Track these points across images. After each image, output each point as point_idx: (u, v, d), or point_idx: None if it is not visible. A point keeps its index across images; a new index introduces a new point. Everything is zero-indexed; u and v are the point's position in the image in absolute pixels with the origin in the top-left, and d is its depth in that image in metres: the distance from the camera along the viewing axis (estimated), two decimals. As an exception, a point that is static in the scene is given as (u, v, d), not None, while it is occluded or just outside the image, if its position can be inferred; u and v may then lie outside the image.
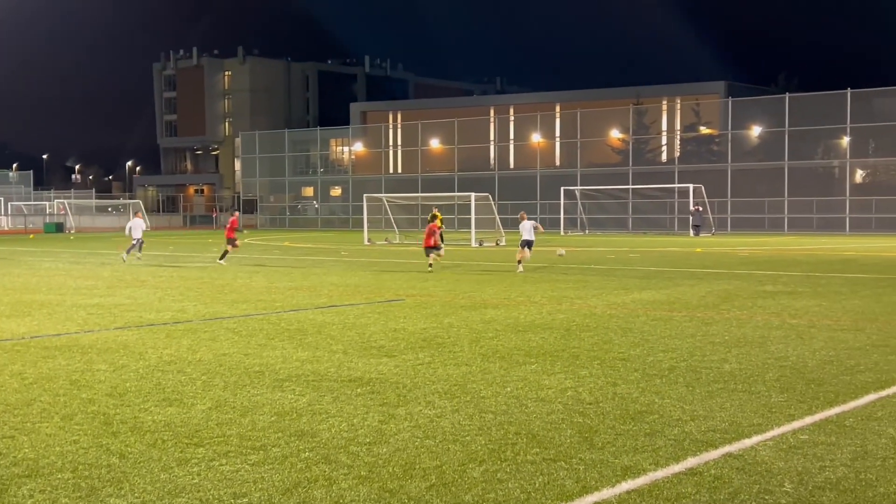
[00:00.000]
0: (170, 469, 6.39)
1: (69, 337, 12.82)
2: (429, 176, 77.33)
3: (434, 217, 28.05)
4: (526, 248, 25.46)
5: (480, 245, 42.04)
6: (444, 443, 6.99)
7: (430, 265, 25.13)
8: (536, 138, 75.82)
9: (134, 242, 31.13)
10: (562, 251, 29.58)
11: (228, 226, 29.90)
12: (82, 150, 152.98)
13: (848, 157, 61.26)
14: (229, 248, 29.16)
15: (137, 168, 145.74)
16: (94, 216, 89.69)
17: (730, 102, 64.67)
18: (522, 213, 28.42)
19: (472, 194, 45.10)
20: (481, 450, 6.79)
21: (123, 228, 38.09)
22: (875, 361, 10.36)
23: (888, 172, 63.85)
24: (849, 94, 58.80)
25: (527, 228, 25.64)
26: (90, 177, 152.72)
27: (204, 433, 7.33)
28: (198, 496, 5.84)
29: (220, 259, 28.97)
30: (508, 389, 8.94)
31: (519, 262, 25.30)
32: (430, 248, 25.59)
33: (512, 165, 79.15)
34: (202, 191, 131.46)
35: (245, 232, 42.91)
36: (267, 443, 7.03)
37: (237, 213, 32.03)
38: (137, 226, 31.34)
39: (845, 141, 61.16)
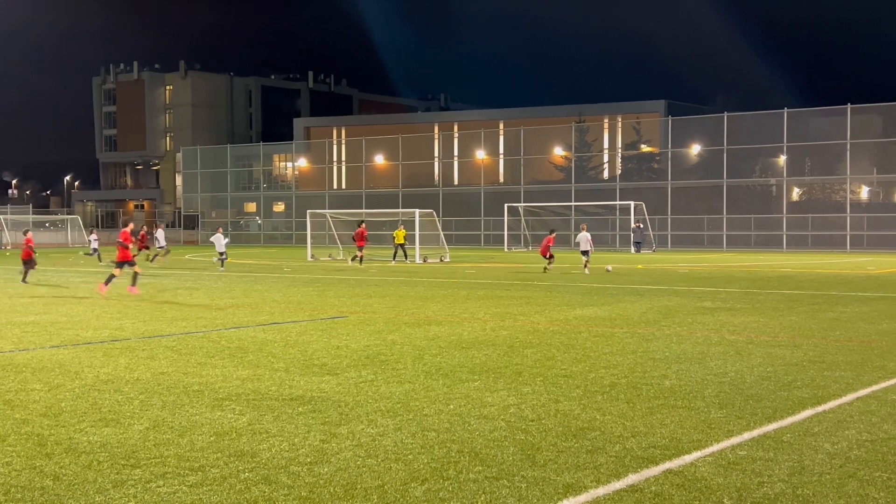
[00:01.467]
0: (105, 491, 6.26)
1: (3, 356, 12.52)
2: (373, 192, 77.23)
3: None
4: (584, 257, 30.87)
5: (425, 261, 42.05)
6: (387, 462, 6.94)
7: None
8: (480, 155, 76.19)
9: (222, 255, 34.00)
10: (609, 267, 32.43)
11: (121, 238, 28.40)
12: (19, 164, 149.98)
13: (785, 175, 62.53)
14: (116, 271, 23.58)
15: (76, 183, 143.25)
16: (32, 232, 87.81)
17: (670, 121, 65.65)
18: (583, 225, 33.27)
19: (417, 210, 45.13)
20: (424, 468, 6.76)
21: (63, 244, 37.72)
22: (811, 377, 10.53)
23: (824, 191, 65.29)
24: (785, 114, 60.06)
25: (585, 239, 30.33)
26: (27, 192, 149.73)
27: (141, 454, 7.20)
28: (134, 519, 5.72)
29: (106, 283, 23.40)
30: (451, 407, 8.92)
31: (585, 266, 30.91)
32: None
33: (456, 182, 79.41)
34: (142, 206, 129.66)
35: (161, 249, 41.03)
36: (205, 463, 6.91)
37: (131, 225, 27.66)
38: (219, 241, 34.02)
39: (782, 159, 62.43)
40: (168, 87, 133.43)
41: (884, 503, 5.96)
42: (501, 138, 79.72)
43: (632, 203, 58.18)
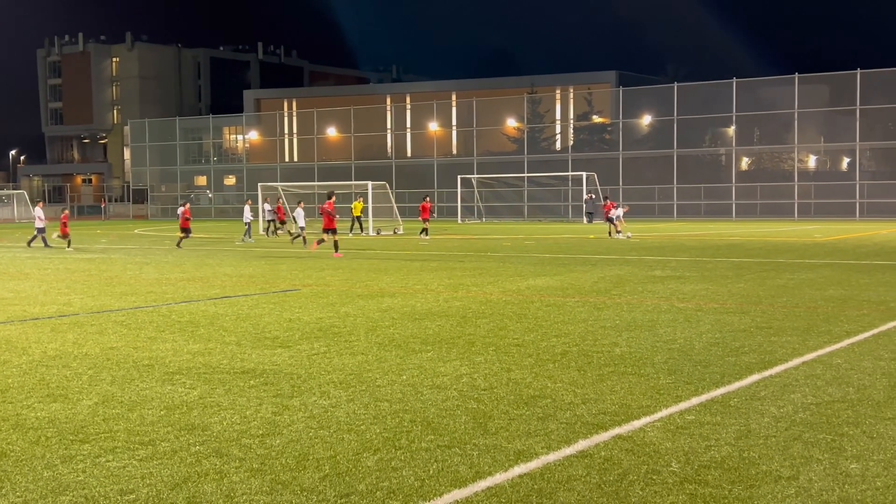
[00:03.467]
0: (53, 466, 6.19)
1: (-53, 333, 12.29)
2: (325, 164, 76.81)
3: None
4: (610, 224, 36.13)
5: (378, 233, 41.97)
6: (339, 433, 6.94)
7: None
8: (433, 127, 76.01)
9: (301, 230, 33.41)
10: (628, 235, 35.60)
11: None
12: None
13: (734, 145, 63.24)
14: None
15: (22, 157, 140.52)
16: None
17: (621, 92, 66.00)
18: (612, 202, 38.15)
19: (370, 183, 44.98)
20: (376, 438, 6.77)
21: (9, 220, 37.33)
22: (759, 343, 10.70)
23: (772, 160, 66.18)
24: (734, 84, 60.64)
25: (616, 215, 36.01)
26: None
27: (90, 429, 7.12)
28: (83, 494, 5.66)
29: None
30: (404, 378, 8.94)
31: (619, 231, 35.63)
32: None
33: (409, 154, 79.24)
34: (90, 180, 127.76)
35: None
36: (156, 437, 6.86)
37: (333, 198, 28.69)
38: (300, 215, 34.18)
39: (731, 129, 63.09)
40: (115, 59, 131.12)
41: (827, 464, 6.09)
42: (454, 110, 79.62)
43: (584, 174, 58.53)
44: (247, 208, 39.08)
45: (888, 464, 6.09)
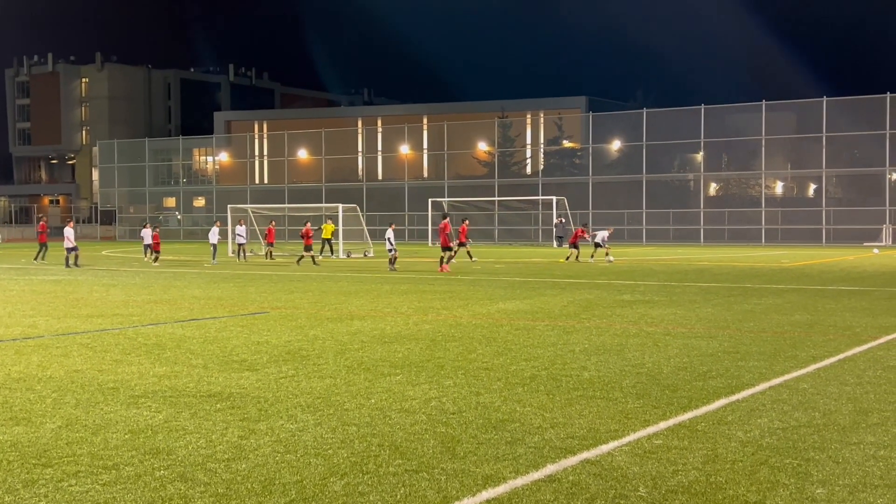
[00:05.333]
0: (15, 491, 6.09)
1: None
2: (296, 187, 76.64)
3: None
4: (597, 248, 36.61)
5: (349, 256, 41.86)
6: (306, 457, 6.89)
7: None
8: (404, 150, 76.12)
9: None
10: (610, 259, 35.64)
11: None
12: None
13: (702, 170, 63.84)
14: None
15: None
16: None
17: (590, 117, 66.49)
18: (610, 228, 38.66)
19: (340, 205, 44.90)
20: (343, 463, 6.73)
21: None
22: (726, 367, 10.76)
23: (740, 186, 66.85)
24: (703, 110, 61.26)
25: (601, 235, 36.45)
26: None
27: (53, 453, 7.02)
28: (44, 520, 5.57)
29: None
30: (372, 401, 8.90)
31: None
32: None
33: (380, 177, 79.27)
34: (58, 201, 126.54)
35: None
36: (119, 461, 6.77)
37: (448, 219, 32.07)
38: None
39: (700, 155, 63.69)
40: (84, 80, 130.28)
41: (794, 489, 6.12)
42: (425, 133, 79.80)
43: (554, 198, 58.78)
44: (215, 230, 38.65)
45: (853, 488, 6.12)
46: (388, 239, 31.61)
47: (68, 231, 34.32)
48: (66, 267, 32.86)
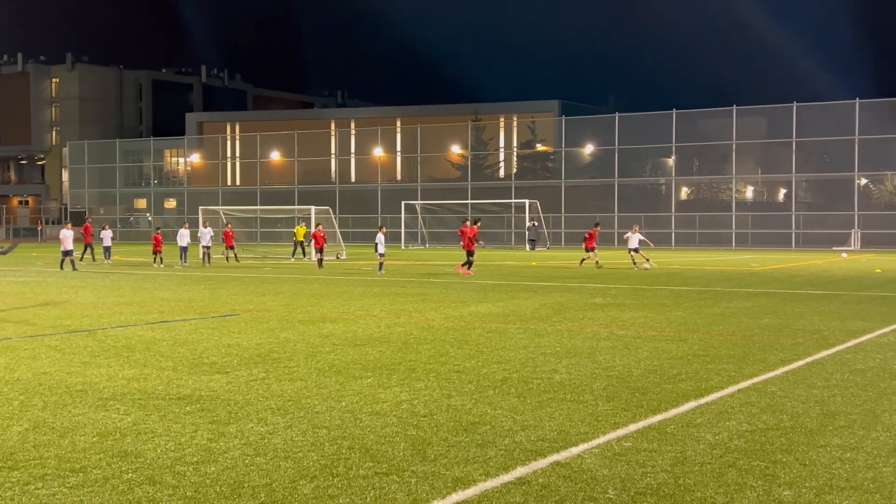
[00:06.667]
0: (-21, 496, 6.02)
1: None
2: (268, 189, 76.33)
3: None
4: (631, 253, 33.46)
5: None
6: (276, 460, 6.86)
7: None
8: (377, 152, 76.03)
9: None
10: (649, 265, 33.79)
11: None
12: None
13: (674, 174, 64.21)
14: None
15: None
16: None
17: (563, 121, 66.69)
18: (636, 226, 35.02)
19: (313, 207, 44.76)
20: (313, 465, 6.71)
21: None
22: (696, 370, 10.83)
23: (711, 190, 67.28)
24: (674, 115, 61.64)
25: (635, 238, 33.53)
26: None
27: (19, 455, 6.95)
28: (9, 523, 5.52)
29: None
30: (343, 404, 8.88)
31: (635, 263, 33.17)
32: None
33: (353, 179, 79.06)
34: (27, 202, 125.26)
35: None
36: (87, 464, 6.72)
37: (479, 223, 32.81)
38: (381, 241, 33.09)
39: (671, 160, 64.08)
40: (54, 80, 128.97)
41: (761, 491, 6.17)
42: (398, 136, 79.70)
43: (527, 201, 58.93)
44: (183, 232, 37.81)
45: (820, 490, 6.18)
46: (380, 243, 31.10)
47: (66, 233, 33.93)
48: (61, 269, 32.44)
